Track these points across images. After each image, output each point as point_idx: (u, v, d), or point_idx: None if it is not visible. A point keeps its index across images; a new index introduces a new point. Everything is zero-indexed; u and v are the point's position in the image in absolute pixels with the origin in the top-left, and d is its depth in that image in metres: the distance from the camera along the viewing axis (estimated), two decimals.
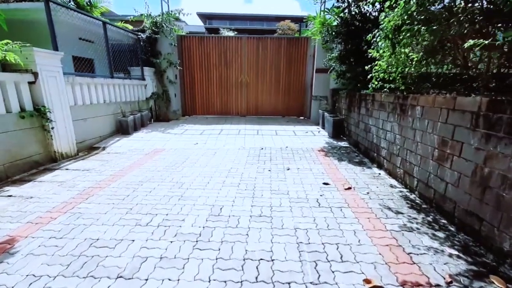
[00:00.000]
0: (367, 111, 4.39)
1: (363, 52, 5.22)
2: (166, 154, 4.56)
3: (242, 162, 4.13)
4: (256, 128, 6.86)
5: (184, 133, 6.18)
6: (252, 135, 6.08)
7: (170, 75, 7.91)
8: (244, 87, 8.58)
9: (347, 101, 5.63)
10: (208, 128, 6.81)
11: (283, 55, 8.31)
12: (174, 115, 8.17)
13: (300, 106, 8.69)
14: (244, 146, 5.07)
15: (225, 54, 8.35)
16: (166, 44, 7.65)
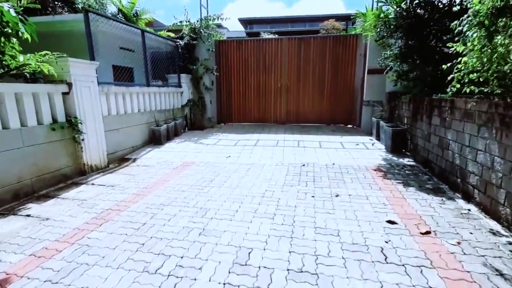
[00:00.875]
0: (443, 121, 3.44)
1: (431, 48, 4.24)
2: (195, 169, 4.20)
3: (279, 182, 3.53)
4: (297, 138, 6.20)
5: (217, 144, 5.82)
6: (292, 147, 5.44)
7: (207, 81, 7.75)
8: (283, 92, 8.00)
9: (410, 108, 4.65)
10: (243, 137, 6.37)
11: (328, 56, 7.53)
12: (209, 123, 7.97)
13: (348, 112, 7.76)
14: (283, 161, 4.46)
15: (263, 58, 7.91)
16: (203, 50, 7.52)
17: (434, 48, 4.21)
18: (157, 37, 6.66)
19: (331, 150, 5.14)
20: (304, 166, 4.23)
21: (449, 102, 3.24)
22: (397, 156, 4.62)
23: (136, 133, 5.48)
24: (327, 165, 4.25)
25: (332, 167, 4.15)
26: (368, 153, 4.89)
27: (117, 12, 9.45)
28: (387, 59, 5.15)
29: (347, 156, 4.68)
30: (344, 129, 7.26)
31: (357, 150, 5.05)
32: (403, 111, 5.11)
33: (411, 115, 4.65)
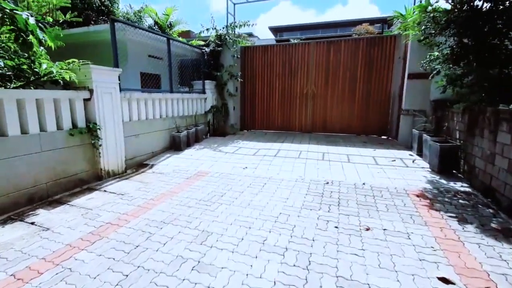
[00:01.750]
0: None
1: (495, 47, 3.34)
2: (207, 180, 3.80)
3: (297, 204, 2.94)
4: (322, 149, 5.52)
5: (236, 152, 5.39)
6: (315, 159, 4.79)
7: (231, 87, 7.43)
8: (310, 99, 7.35)
9: (465, 120, 3.74)
10: (264, 146, 5.87)
11: (361, 59, 6.73)
12: (231, 129, 7.61)
13: (383, 122, 6.84)
14: (303, 177, 3.86)
15: (289, 63, 7.36)
16: (228, 57, 7.25)
17: (499, 46, 3.31)
18: (183, 44, 6.57)
19: (361, 166, 4.39)
20: (328, 184, 3.58)
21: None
22: (446, 179, 3.73)
23: (156, 139, 5.31)
24: (355, 184, 3.55)
25: (362, 187, 3.44)
26: (407, 172, 4.05)
27: (153, 23, 9.68)
28: (433, 61, 4.30)
29: (381, 175, 3.92)
30: (378, 141, 6.37)
31: (393, 168, 4.24)
32: (454, 123, 4.18)
33: (465, 129, 3.74)
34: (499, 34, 3.27)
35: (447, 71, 3.99)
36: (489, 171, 3.06)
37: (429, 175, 3.88)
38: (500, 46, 3.30)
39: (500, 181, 2.82)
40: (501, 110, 2.83)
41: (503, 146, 2.79)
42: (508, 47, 3.27)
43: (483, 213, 2.70)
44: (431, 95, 5.29)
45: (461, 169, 3.84)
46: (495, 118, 2.97)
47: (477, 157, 3.38)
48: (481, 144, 3.28)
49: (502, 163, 2.80)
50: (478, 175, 3.31)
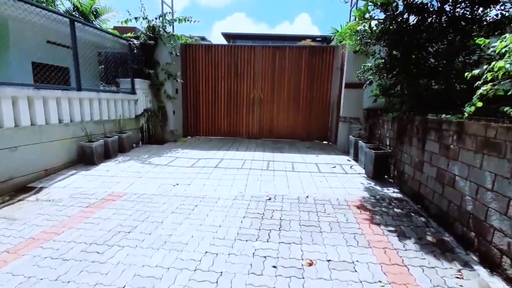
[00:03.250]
0: (444, 149, 2.56)
1: (419, 60, 3.45)
2: (118, 207, 2.88)
3: (230, 234, 2.39)
4: (268, 157, 5.17)
5: (171, 164, 4.62)
6: (259, 169, 4.39)
7: (169, 89, 6.54)
8: (256, 104, 7.01)
9: (395, 128, 3.80)
10: (205, 155, 5.23)
11: (304, 67, 6.69)
12: (171, 136, 6.73)
13: (324, 128, 6.92)
14: (244, 193, 3.37)
15: (235, 66, 6.90)
16: (165, 53, 6.34)
17: (423, 59, 3.42)
18: (100, 32, 5.26)
19: (305, 174, 4.15)
20: (270, 200, 3.17)
21: (456, 125, 2.37)
22: (380, 185, 3.72)
23: (53, 152, 3.94)
24: (299, 198, 3.22)
25: (305, 202, 3.13)
26: (347, 179, 3.95)
27: (72, 9, 8.04)
28: (367, 71, 4.33)
29: (323, 184, 3.71)
30: (320, 146, 6.37)
31: (334, 176, 4.10)
32: (384, 130, 4.27)
33: (395, 136, 3.81)
34: (422, 48, 3.38)
35: (380, 81, 4.04)
36: (418, 178, 3.07)
37: (366, 182, 3.83)
38: (424, 60, 3.40)
39: (429, 189, 2.81)
40: (429, 120, 2.84)
41: (431, 155, 2.78)
42: (430, 61, 3.40)
43: (417, 222, 2.63)
44: (364, 103, 5.45)
45: (391, 175, 3.90)
46: (423, 127, 2.98)
47: (406, 163, 3.41)
48: (410, 152, 3.32)
49: (431, 171, 2.80)
50: (408, 181, 3.33)
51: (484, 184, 2.00)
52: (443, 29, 3.13)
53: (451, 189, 2.41)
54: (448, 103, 2.94)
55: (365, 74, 4.44)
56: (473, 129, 2.12)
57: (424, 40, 3.28)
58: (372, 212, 2.87)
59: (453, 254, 2.09)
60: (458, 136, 2.32)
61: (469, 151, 2.17)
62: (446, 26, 3.11)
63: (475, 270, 1.90)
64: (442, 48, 3.13)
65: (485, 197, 1.98)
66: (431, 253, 2.10)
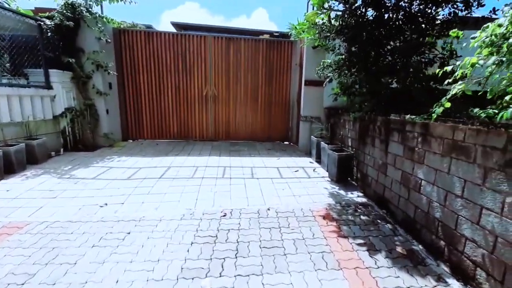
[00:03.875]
0: (408, 151, 2.53)
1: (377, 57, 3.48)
2: (14, 244, 2.17)
3: (172, 269, 1.95)
4: (224, 163, 4.78)
5: (100, 177, 3.90)
6: (214, 178, 3.98)
7: (99, 82, 5.64)
8: (210, 102, 6.54)
9: (357, 128, 3.79)
10: (149, 163, 4.60)
11: (261, 62, 6.46)
12: (105, 141, 5.84)
13: (285, 128, 6.82)
14: (194, 210, 2.95)
15: (184, 58, 6.32)
16: (91, 39, 5.42)
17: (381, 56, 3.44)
18: None
19: (265, 182, 3.89)
20: (226, 217, 2.81)
21: (420, 126, 2.33)
22: (345, 188, 3.67)
23: None
24: (259, 212, 2.93)
25: (266, 216, 2.85)
26: (311, 184, 3.81)
27: None
28: (326, 68, 4.28)
29: (286, 192, 3.49)
30: (281, 147, 6.23)
31: (297, 181, 3.93)
32: (346, 130, 4.27)
33: (357, 137, 3.80)
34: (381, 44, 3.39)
35: (340, 79, 3.99)
36: (382, 181, 3.05)
37: (330, 186, 3.74)
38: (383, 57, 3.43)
39: (394, 193, 2.79)
40: (392, 120, 2.81)
41: (395, 157, 2.76)
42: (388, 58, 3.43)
43: (385, 231, 2.56)
44: (324, 102, 5.47)
45: (355, 177, 3.89)
46: (386, 128, 2.96)
47: (369, 166, 3.40)
48: (372, 154, 3.30)
49: (395, 175, 2.77)
50: (371, 185, 3.32)
51: (452, 190, 1.96)
52: (400, 25, 3.18)
53: (417, 194, 2.38)
54: (410, 102, 2.97)
55: (325, 71, 4.38)
56: (439, 131, 2.08)
57: (382, 37, 3.29)
58: (338, 222, 2.73)
59: (425, 267, 2.02)
60: (423, 138, 2.28)
61: (436, 155, 2.13)
62: (403, 23, 3.15)
63: (449, 285, 1.84)
64: (399, 45, 3.16)
65: (454, 204, 1.94)
66: (403, 269, 2.00)
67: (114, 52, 6.02)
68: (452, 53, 3.01)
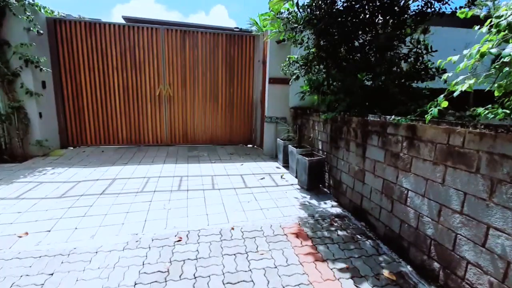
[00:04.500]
0: (391, 157, 2.21)
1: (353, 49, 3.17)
2: None
3: None
4: (181, 171, 4.11)
5: (25, 195, 2.98)
6: (168, 191, 3.31)
7: (29, 81, 4.55)
8: (165, 102, 5.76)
9: (328, 130, 3.45)
10: (90, 176, 3.73)
11: (222, 59, 5.88)
12: (38, 149, 4.74)
13: (248, 130, 6.33)
14: (141, 236, 2.28)
15: (133, 53, 5.45)
16: (18, 29, 4.36)
17: (354, 50, 3.13)
18: None
19: (228, 193, 3.34)
20: (181, 242, 2.20)
21: (406, 129, 2.00)
22: (317, 198, 3.29)
23: None
24: (221, 233, 2.38)
25: (230, 238, 2.31)
26: (279, 194, 3.36)
27: None
28: (292, 65, 3.90)
29: (252, 206, 2.98)
30: (244, 151, 5.73)
31: (264, 192, 3.45)
32: (315, 132, 3.92)
33: (328, 139, 3.46)
34: (354, 37, 3.08)
35: (308, 76, 3.63)
36: (359, 189, 2.73)
37: (300, 195, 3.34)
38: (355, 51, 3.13)
39: (374, 204, 2.47)
40: (371, 121, 2.48)
41: (375, 164, 2.43)
42: (358, 54, 3.15)
43: (367, 249, 2.21)
44: (290, 101, 5.10)
45: (327, 184, 3.56)
46: (363, 130, 2.63)
47: (343, 172, 3.07)
48: (347, 158, 2.97)
49: (375, 183, 2.45)
50: (346, 193, 2.99)
51: (449, 205, 1.64)
52: (372, 16, 2.89)
53: (403, 206, 2.06)
54: (384, 101, 2.68)
55: (291, 68, 4.02)
56: (430, 135, 1.76)
57: (355, 29, 2.97)
58: (314, 240, 2.31)
59: None
60: (410, 143, 1.96)
61: (426, 162, 1.81)
62: (376, 13, 2.86)
63: None
64: (373, 37, 2.87)
65: (451, 220, 1.63)
66: None
67: (48, 46, 4.95)
68: (427, 47, 2.80)
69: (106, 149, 5.40)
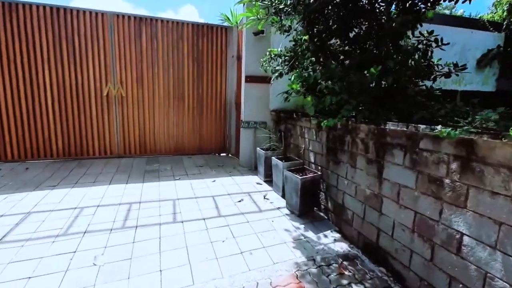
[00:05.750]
0: (431, 184, 1.59)
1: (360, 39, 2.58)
2: None
3: None
4: (131, 195, 3.19)
5: None
6: (105, 232, 2.41)
7: None
8: (115, 104, 4.77)
9: (325, 140, 2.81)
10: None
11: (188, 53, 5.05)
12: None
13: (220, 136, 5.54)
14: None
15: (71, 42, 4.40)
16: None
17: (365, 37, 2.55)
18: None
19: (195, 227, 2.53)
20: None
21: (457, 144, 1.39)
22: (313, 228, 2.62)
23: None
24: None
25: None
26: (264, 225, 2.63)
27: None
28: (274, 59, 3.27)
29: (228, 248, 2.21)
30: (217, 162, 4.93)
31: (244, 222, 2.70)
32: (306, 141, 3.28)
33: (324, 151, 2.82)
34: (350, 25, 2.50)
35: (297, 73, 2.97)
36: (373, 220, 2.10)
37: (292, 226, 2.64)
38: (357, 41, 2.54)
39: (399, 244, 1.84)
40: (390, 132, 1.87)
41: (400, 189, 1.82)
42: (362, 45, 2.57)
43: None
44: (271, 103, 4.45)
45: (322, 206, 2.91)
46: (377, 142, 2.01)
47: (347, 194, 2.44)
48: (352, 177, 2.35)
49: (399, 215, 1.83)
50: (353, 222, 2.36)
51: None
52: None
53: (453, 256, 1.44)
54: (400, 103, 2.10)
55: (272, 64, 3.37)
56: (505, 156, 1.16)
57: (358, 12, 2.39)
58: None
59: None
60: (464, 165, 1.36)
61: (498, 196, 1.21)
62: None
63: None
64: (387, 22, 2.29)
65: None
66: None
67: None
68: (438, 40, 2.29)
69: (33, 165, 4.25)
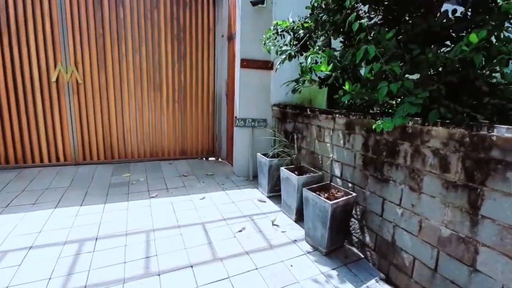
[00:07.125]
0: None
1: None
2: None
3: None
4: (85, 225, 2.34)
5: None
6: None
7: None
8: (69, 93, 3.81)
9: (361, 147, 2.11)
10: None
11: (165, 27, 4.14)
12: None
13: (209, 136, 4.72)
14: None
15: (3, 7, 3.39)
16: None
17: None
18: None
19: (177, 285, 1.75)
20: None
21: None
22: (350, 275, 1.92)
23: None
24: None
25: None
26: (281, 276, 1.88)
27: None
28: (281, 36, 2.56)
29: None
30: (205, 169, 4.13)
31: (252, 267, 1.94)
32: (326, 147, 2.57)
33: (359, 162, 2.12)
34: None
35: (317, 54, 2.23)
36: (460, 279, 1.43)
37: (322, 276, 1.91)
38: None
39: None
40: (507, 142, 1.18)
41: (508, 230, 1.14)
42: None
43: None
44: (272, 96, 3.71)
45: (355, 238, 2.23)
46: (470, 157, 1.32)
47: (402, 229, 1.76)
48: (415, 207, 1.66)
49: (511, 278, 1.16)
50: (413, 272, 1.68)
51: None
52: None
53: None
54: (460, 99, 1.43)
55: (277, 43, 2.70)
56: None
57: None
58: None
59: None
60: None
61: None
62: None
63: None
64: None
65: None
66: None
67: None
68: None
69: None
